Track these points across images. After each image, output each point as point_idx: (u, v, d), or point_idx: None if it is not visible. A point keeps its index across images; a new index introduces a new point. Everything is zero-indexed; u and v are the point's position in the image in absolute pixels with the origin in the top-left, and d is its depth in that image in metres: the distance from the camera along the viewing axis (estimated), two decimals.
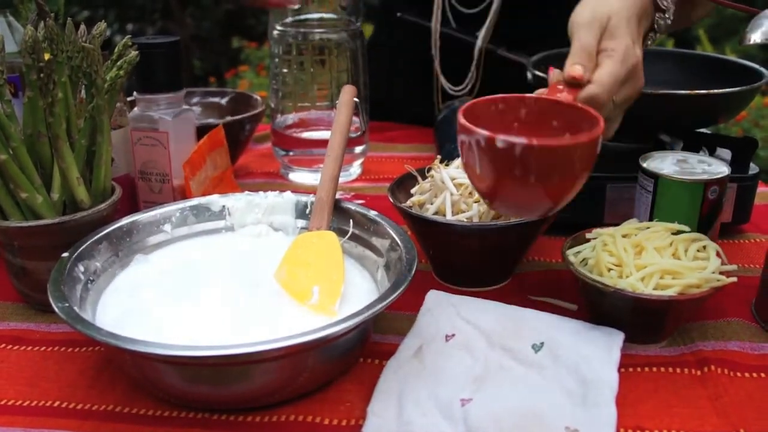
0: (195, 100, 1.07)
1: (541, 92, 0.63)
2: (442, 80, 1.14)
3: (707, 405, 0.54)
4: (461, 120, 0.55)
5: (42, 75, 0.61)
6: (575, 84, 0.62)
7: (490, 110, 0.59)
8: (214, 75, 4.29)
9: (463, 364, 0.56)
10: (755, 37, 0.63)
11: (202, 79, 4.21)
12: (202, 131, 0.84)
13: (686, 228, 0.63)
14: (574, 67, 0.62)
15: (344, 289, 0.60)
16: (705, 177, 0.67)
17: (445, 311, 0.63)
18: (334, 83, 0.99)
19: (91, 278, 0.61)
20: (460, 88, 1.13)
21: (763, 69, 0.83)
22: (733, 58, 0.95)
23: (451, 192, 0.68)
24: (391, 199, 0.70)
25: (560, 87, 0.63)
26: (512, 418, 0.50)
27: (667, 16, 0.72)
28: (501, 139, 0.52)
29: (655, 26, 0.73)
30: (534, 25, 1.09)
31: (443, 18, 1.11)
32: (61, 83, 0.63)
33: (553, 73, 0.65)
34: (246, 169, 1.05)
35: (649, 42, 0.74)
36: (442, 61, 1.13)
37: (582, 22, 0.66)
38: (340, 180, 0.72)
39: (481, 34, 1.07)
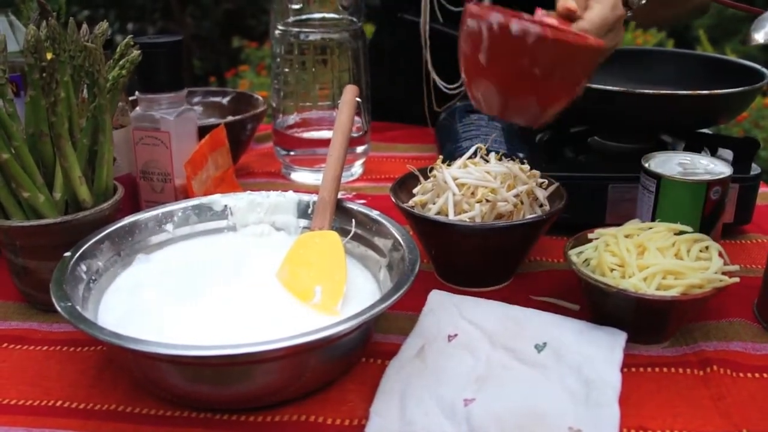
0: (196, 99, 1.07)
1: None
2: (435, 77, 1.14)
3: (710, 405, 0.54)
4: (473, 7, 0.53)
5: (44, 74, 0.61)
6: (567, 17, 0.63)
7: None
8: (214, 75, 4.30)
9: (466, 364, 0.56)
10: (759, 38, 0.63)
11: (202, 78, 4.21)
12: (203, 131, 0.84)
13: (689, 228, 0.63)
14: (568, 0, 0.64)
15: (346, 289, 0.60)
16: (707, 177, 0.67)
17: (448, 311, 0.63)
18: (336, 83, 0.99)
19: (93, 278, 0.60)
20: (454, 86, 1.13)
21: (764, 69, 0.83)
22: (733, 58, 0.95)
23: (453, 192, 0.68)
24: (394, 199, 0.70)
25: (548, 20, 0.62)
26: (515, 418, 0.50)
27: None
28: (516, 24, 0.50)
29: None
30: None
31: (433, 16, 1.11)
32: (64, 82, 0.63)
33: (540, 11, 0.65)
34: (247, 168, 1.05)
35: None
36: (437, 59, 1.13)
37: None
38: (342, 180, 0.72)
39: None
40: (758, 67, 0.85)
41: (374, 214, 0.67)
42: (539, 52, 0.51)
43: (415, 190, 0.74)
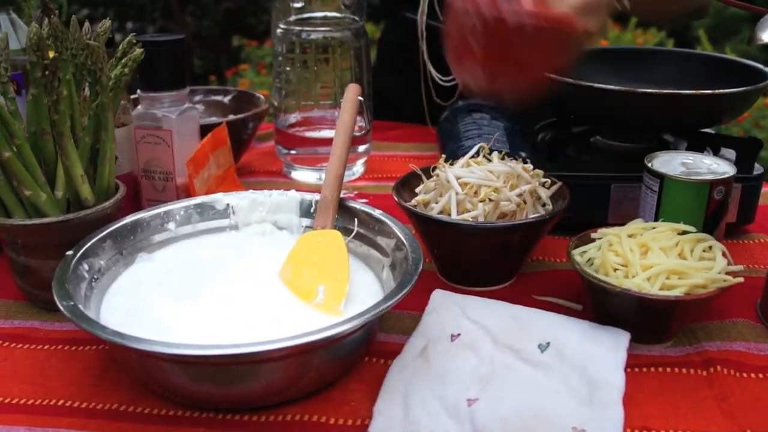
0: (198, 98, 1.07)
1: None
2: (431, 69, 1.13)
3: (713, 405, 0.54)
4: None
5: (47, 72, 0.60)
6: None
7: None
8: (215, 74, 4.30)
9: (469, 363, 0.56)
10: (765, 37, 0.63)
11: (202, 77, 4.21)
12: (205, 129, 0.84)
13: (692, 228, 0.63)
14: None
15: (349, 289, 0.59)
16: (711, 177, 0.66)
17: (450, 311, 0.62)
18: (338, 82, 0.98)
19: (95, 277, 0.60)
20: (449, 77, 1.13)
21: (766, 68, 0.83)
22: (735, 57, 0.94)
23: (456, 191, 0.68)
24: (396, 198, 0.70)
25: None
26: (519, 419, 0.50)
27: None
28: (513, 17, 0.56)
29: None
30: None
31: (433, 13, 1.11)
32: (66, 81, 0.63)
33: None
34: (248, 167, 1.05)
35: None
36: (435, 54, 1.13)
37: None
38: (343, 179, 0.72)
39: None
40: (760, 66, 0.85)
41: (377, 213, 0.67)
42: (535, 38, 0.56)
43: (417, 189, 0.74)
